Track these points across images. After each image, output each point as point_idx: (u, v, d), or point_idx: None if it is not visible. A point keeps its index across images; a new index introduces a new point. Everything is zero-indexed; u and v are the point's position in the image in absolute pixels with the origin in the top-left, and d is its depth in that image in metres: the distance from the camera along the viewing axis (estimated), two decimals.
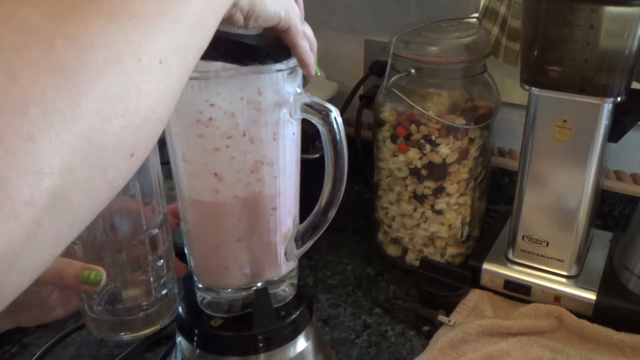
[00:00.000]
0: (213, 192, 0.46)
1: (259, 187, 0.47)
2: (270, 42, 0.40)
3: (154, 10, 0.26)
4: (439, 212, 0.76)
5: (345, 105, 0.92)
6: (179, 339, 0.55)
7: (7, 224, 0.20)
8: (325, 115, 0.44)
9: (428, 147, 0.72)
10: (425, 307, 0.71)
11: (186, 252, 0.53)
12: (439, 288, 0.73)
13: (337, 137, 0.44)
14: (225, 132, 0.44)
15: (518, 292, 0.73)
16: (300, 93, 0.45)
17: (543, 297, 0.71)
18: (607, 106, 0.63)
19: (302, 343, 0.54)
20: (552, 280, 0.71)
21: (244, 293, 0.52)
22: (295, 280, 0.55)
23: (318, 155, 0.67)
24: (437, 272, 0.74)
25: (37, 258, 0.23)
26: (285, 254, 0.51)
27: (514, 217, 0.73)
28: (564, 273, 0.72)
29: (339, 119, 0.44)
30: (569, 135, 0.65)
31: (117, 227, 0.46)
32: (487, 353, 0.62)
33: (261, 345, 0.51)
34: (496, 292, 0.74)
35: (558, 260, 0.72)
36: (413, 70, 0.72)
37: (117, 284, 0.48)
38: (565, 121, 0.65)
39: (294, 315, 0.53)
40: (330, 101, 0.50)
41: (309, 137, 0.57)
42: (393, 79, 0.72)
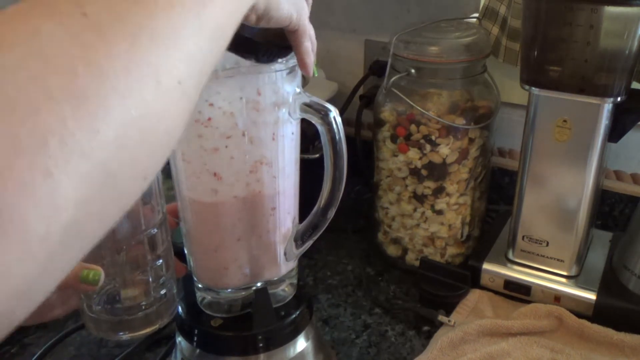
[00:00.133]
0: (212, 192, 0.46)
1: (259, 187, 0.47)
2: (270, 38, 0.40)
3: (174, 25, 0.25)
4: (439, 212, 0.76)
5: (345, 105, 0.92)
6: (179, 339, 0.55)
7: (22, 264, 0.20)
8: (324, 115, 0.44)
9: (428, 147, 0.72)
10: (425, 307, 0.71)
11: (186, 252, 0.53)
12: (439, 288, 0.73)
13: (337, 137, 0.44)
14: (224, 132, 0.44)
15: (518, 292, 0.73)
16: (299, 93, 0.45)
17: (543, 297, 0.71)
18: (607, 106, 0.63)
19: (302, 343, 0.54)
20: (552, 280, 0.71)
21: (243, 293, 0.52)
22: (295, 280, 0.55)
23: (318, 155, 0.67)
24: (437, 272, 0.74)
25: (47, 284, 0.22)
26: (285, 253, 0.51)
27: (514, 217, 0.73)
28: (564, 273, 0.72)
29: (338, 119, 0.44)
30: (569, 135, 0.65)
31: (116, 226, 0.46)
32: (487, 353, 0.62)
33: (261, 345, 0.51)
34: (496, 292, 0.74)
35: (558, 260, 0.72)
36: (413, 70, 0.72)
37: (116, 283, 0.48)
38: (565, 121, 0.65)
39: (294, 315, 0.53)
40: (330, 101, 0.50)
41: (309, 137, 0.57)
42: (393, 79, 0.72)
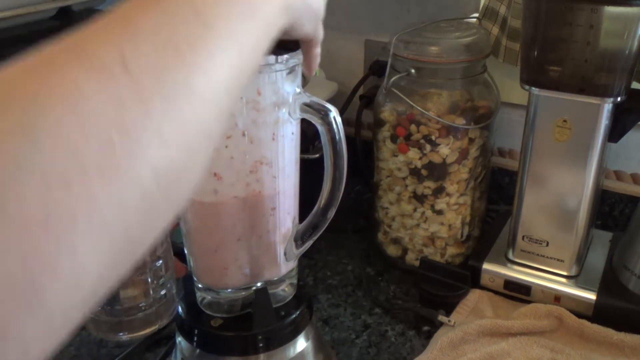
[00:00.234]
0: (212, 192, 0.46)
1: (259, 187, 0.47)
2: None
3: (209, 78, 0.24)
4: (439, 212, 0.76)
5: (345, 105, 0.92)
6: (179, 339, 0.54)
7: (43, 339, 0.20)
8: (324, 115, 0.44)
9: (428, 147, 0.72)
10: (425, 307, 0.71)
11: (186, 252, 0.53)
12: (439, 288, 0.72)
13: (337, 137, 0.44)
14: (224, 132, 0.44)
15: (518, 292, 0.73)
16: (299, 93, 0.45)
17: (543, 297, 0.71)
18: (607, 106, 0.63)
19: (302, 343, 0.54)
20: (552, 280, 0.71)
21: (243, 293, 0.52)
22: (295, 280, 0.55)
23: (318, 155, 0.67)
24: (437, 272, 0.74)
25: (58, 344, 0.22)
26: (285, 253, 0.51)
27: (514, 217, 0.73)
28: (564, 273, 0.72)
29: (338, 119, 0.44)
30: (569, 135, 0.65)
31: None
32: (487, 353, 0.62)
33: (261, 345, 0.51)
34: (496, 292, 0.74)
35: (558, 260, 0.72)
36: (413, 70, 0.72)
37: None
38: (565, 121, 0.65)
39: (294, 315, 0.53)
40: (330, 101, 0.50)
41: (309, 137, 0.57)
42: (393, 79, 0.72)
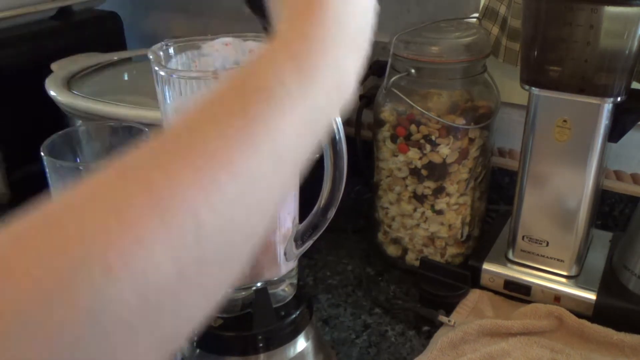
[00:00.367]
0: None
1: None
2: None
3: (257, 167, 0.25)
4: (439, 212, 0.76)
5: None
6: None
7: None
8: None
9: (428, 147, 0.72)
10: (425, 307, 0.71)
11: None
12: (439, 288, 0.73)
13: (336, 137, 0.44)
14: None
15: (518, 292, 0.73)
16: None
17: (543, 297, 0.71)
18: (607, 106, 0.63)
19: (302, 343, 0.54)
20: (552, 280, 0.71)
21: (243, 293, 0.52)
22: (295, 280, 0.55)
23: (318, 155, 0.67)
24: (437, 272, 0.74)
25: None
26: (285, 253, 0.51)
27: (514, 217, 0.73)
28: (564, 273, 0.72)
29: (338, 119, 0.44)
30: (569, 135, 0.65)
31: None
32: (487, 353, 0.62)
33: (261, 345, 0.51)
34: (496, 292, 0.74)
35: (558, 260, 0.72)
36: (413, 70, 0.72)
37: None
38: (565, 121, 0.65)
39: (294, 315, 0.53)
40: None
41: None
42: (393, 79, 0.72)
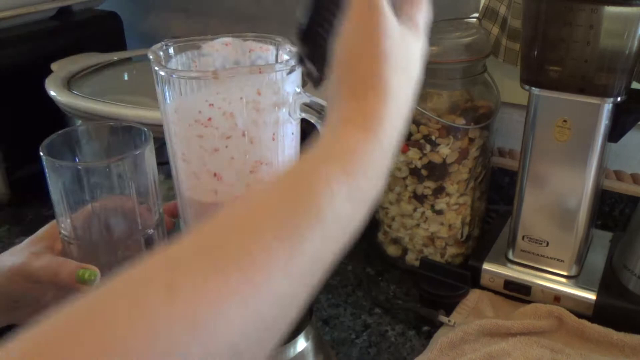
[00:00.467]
0: (212, 192, 0.46)
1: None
2: None
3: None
4: (439, 212, 0.76)
5: None
6: None
7: None
8: (324, 115, 0.44)
9: (428, 147, 0.72)
10: (425, 307, 0.71)
11: None
12: (439, 288, 0.72)
13: None
14: (224, 132, 0.44)
15: (518, 292, 0.73)
16: (299, 93, 0.45)
17: (543, 297, 0.71)
18: (607, 106, 0.63)
19: (302, 343, 0.54)
20: (552, 280, 0.71)
21: None
22: None
23: None
24: (437, 272, 0.74)
25: None
26: None
27: (514, 217, 0.73)
28: (564, 273, 0.72)
29: None
30: (569, 135, 0.65)
31: (112, 227, 0.46)
32: (487, 353, 0.62)
33: None
34: (496, 292, 0.74)
35: (558, 260, 0.72)
36: None
37: None
38: (565, 121, 0.65)
39: None
40: None
41: (309, 137, 0.57)
42: None
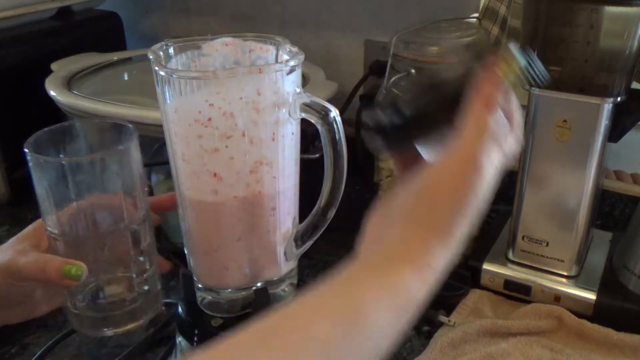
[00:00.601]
0: (212, 192, 0.46)
1: (259, 188, 0.47)
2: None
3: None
4: None
5: (345, 105, 0.91)
6: (179, 339, 0.55)
7: None
8: (324, 115, 0.44)
9: None
10: (425, 307, 0.71)
11: (186, 252, 0.53)
12: (439, 288, 0.72)
13: (337, 137, 0.44)
14: (224, 132, 0.44)
15: (518, 292, 0.73)
16: (299, 93, 0.45)
17: (543, 297, 0.71)
18: (607, 106, 0.63)
19: None
20: (552, 280, 0.71)
21: (243, 293, 0.52)
22: (295, 280, 0.55)
23: (318, 155, 0.67)
24: None
25: None
26: (285, 254, 0.51)
27: (514, 217, 0.73)
28: (564, 273, 0.72)
29: (338, 119, 0.44)
30: (569, 136, 0.65)
31: (98, 222, 0.46)
32: (487, 353, 0.62)
33: None
34: (496, 292, 0.74)
35: (558, 260, 0.71)
36: (413, 70, 0.71)
37: (100, 279, 0.48)
38: (565, 121, 0.65)
39: None
40: (330, 101, 0.50)
41: (309, 137, 0.57)
42: (393, 79, 0.72)
